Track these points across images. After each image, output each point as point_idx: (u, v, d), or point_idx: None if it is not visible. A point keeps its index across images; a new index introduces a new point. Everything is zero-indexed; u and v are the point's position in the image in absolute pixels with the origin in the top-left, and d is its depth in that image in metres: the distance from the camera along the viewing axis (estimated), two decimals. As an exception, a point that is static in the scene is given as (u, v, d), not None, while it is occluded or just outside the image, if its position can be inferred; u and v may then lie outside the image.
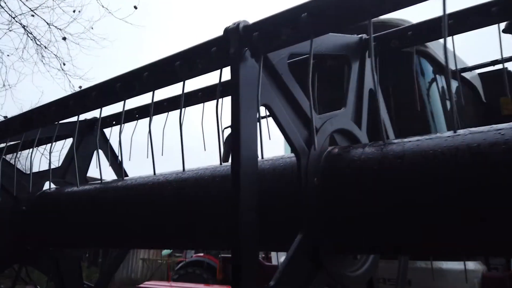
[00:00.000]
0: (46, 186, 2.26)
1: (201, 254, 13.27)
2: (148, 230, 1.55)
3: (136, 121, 2.32)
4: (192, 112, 2.26)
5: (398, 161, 0.97)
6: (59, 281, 2.22)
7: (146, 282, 8.79)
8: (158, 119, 2.24)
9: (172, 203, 1.44)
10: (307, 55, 0.98)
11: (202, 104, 2.09)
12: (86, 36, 8.23)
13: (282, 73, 1.00)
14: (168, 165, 1.76)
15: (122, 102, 1.54)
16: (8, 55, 7.39)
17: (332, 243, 1.06)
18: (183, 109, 1.49)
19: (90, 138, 2.47)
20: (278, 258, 5.56)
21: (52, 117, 1.64)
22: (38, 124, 1.74)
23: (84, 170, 2.41)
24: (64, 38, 7.13)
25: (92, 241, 1.95)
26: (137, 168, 2.41)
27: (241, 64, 0.86)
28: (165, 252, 13.56)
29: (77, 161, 2.39)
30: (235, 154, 0.78)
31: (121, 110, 2.51)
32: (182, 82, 1.28)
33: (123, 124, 2.47)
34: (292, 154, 1.13)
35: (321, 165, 1.09)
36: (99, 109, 1.64)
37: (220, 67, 1.17)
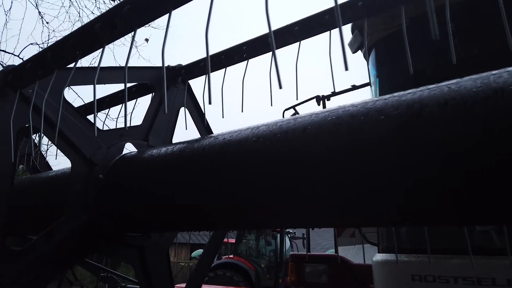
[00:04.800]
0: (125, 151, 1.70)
1: (231, 256, 12.71)
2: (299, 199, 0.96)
3: (246, 61, 1.73)
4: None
5: None
6: (145, 276, 1.64)
7: (177, 285, 8.24)
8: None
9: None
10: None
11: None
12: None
13: None
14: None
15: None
16: (47, 22, 6.88)
17: None
18: None
19: (174, 92, 1.90)
20: (365, 255, 4.92)
21: (30, 76, 1.46)
22: (17, 86, 1.49)
23: (170, 130, 1.84)
24: None
25: (204, 219, 1.36)
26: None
27: None
28: (196, 253, 12.91)
29: (160, 119, 1.83)
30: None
31: (210, 54, 1.95)
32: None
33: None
34: None
35: None
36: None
37: None
